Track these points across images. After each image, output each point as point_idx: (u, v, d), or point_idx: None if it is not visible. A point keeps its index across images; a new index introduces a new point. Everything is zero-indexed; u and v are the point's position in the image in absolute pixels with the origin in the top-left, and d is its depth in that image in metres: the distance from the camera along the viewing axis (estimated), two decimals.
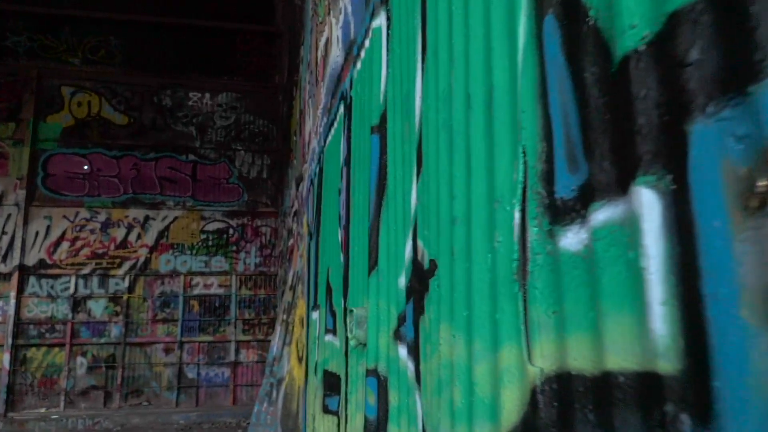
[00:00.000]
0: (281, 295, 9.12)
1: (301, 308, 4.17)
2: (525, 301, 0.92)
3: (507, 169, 0.99)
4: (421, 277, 1.47)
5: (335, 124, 3.29)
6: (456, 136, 1.21)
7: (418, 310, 1.51)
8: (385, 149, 1.97)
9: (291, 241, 6.47)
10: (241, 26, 11.13)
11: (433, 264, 1.34)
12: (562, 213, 0.84)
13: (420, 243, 1.50)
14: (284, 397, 5.50)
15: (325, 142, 3.74)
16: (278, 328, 5.45)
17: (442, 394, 1.21)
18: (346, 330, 2.58)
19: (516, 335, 0.93)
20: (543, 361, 0.86)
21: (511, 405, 0.93)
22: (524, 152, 0.94)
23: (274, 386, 5.46)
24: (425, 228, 1.44)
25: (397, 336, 1.75)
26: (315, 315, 3.58)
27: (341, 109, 3.07)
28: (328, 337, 3.22)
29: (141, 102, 10.62)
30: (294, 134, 7.07)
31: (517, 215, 0.93)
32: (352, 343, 2.12)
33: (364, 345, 2.08)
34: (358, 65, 2.52)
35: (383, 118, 2.03)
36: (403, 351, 1.68)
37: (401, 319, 1.72)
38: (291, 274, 6.15)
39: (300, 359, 4.52)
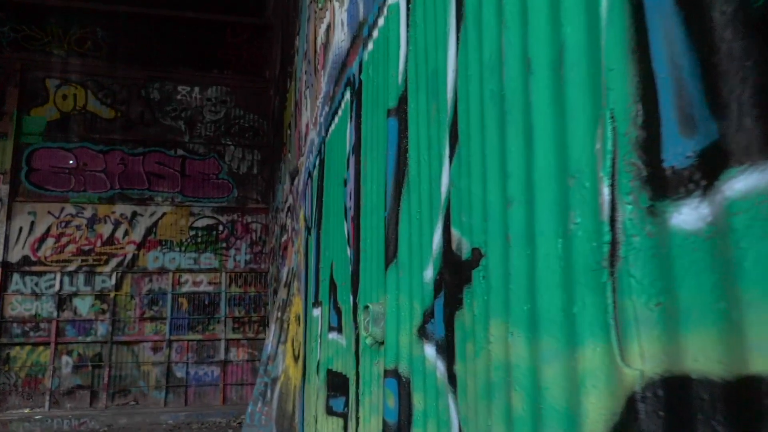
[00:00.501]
0: (272, 292, 8.94)
1: (296, 305, 3.99)
2: (614, 291, 0.78)
3: (585, 138, 0.85)
4: (456, 268, 1.33)
5: (339, 112, 3.13)
6: (510, 107, 1.06)
7: (452, 305, 1.36)
8: (405, 133, 1.83)
9: (285, 238, 6.30)
10: (231, 18, 10.91)
11: (476, 253, 1.19)
12: (672, 186, 0.70)
13: (455, 231, 1.35)
14: (279, 396, 5.33)
15: (326, 132, 3.58)
16: (272, 327, 5.24)
17: (493, 398, 1.06)
18: (356, 328, 2.43)
19: (602, 332, 0.79)
20: (644, 363, 0.72)
21: (597, 414, 0.79)
22: (612, 117, 0.79)
23: (269, 386, 5.30)
24: (463, 214, 1.30)
25: (423, 334, 1.61)
26: (316, 312, 3.43)
27: (347, 95, 2.91)
28: (332, 336, 3.07)
29: (128, 95, 10.36)
30: (288, 127, 6.89)
31: (605, 191, 0.79)
32: (367, 341, 1.97)
33: (381, 343, 1.94)
34: (370, 46, 2.37)
35: (402, 100, 1.88)
36: (430, 350, 1.54)
37: (427, 315, 1.58)
38: (285, 270, 5.96)
39: (296, 358, 4.37)
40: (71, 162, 9.75)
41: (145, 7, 10.50)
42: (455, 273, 1.34)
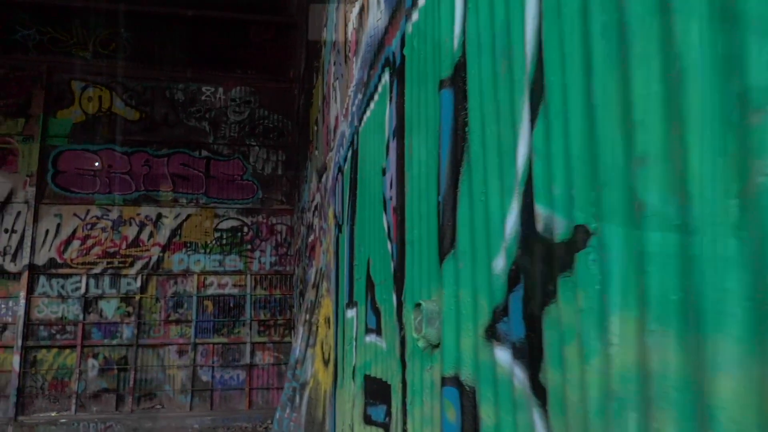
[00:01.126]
0: (299, 295, 8.74)
1: (326, 307, 3.71)
2: None
3: None
4: (545, 253, 1.08)
5: (376, 97, 2.90)
6: (635, 40, 0.82)
7: (538, 299, 1.12)
8: (464, 104, 1.58)
9: (312, 237, 6.10)
10: (254, 17, 10.77)
11: (581, 232, 0.95)
12: None
13: (541, 209, 1.11)
14: (308, 402, 5.11)
15: (360, 121, 3.35)
16: (300, 329, 4.94)
17: (616, 417, 0.81)
18: (401, 329, 2.19)
19: None
20: None
21: None
22: None
23: (297, 391, 5.07)
24: (555, 185, 1.05)
25: (492, 335, 1.36)
26: (350, 313, 3.19)
27: (385, 77, 2.68)
28: (370, 338, 2.84)
29: (152, 97, 10.28)
30: (315, 124, 6.69)
31: None
32: (419, 344, 1.73)
33: (436, 346, 1.69)
34: (415, 17, 2.13)
35: (459, 67, 1.64)
36: (503, 354, 1.29)
37: (498, 313, 1.33)
38: (312, 271, 5.72)
39: (326, 362, 4.14)
40: (96, 164, 9.69)
41: (169, 7, 10.43)
42: (543, 259, 1.10)
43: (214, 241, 9.85)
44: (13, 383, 8.68)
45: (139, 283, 9.52)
